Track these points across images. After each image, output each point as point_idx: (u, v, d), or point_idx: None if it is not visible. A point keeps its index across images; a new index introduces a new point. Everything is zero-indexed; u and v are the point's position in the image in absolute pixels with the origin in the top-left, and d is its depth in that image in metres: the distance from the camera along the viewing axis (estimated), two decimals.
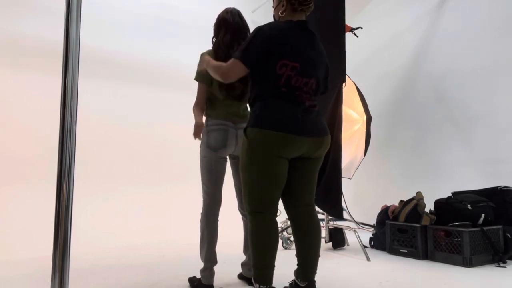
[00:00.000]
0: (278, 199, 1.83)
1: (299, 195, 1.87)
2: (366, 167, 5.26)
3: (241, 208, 2.29)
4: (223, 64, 1.82)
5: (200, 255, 2.17)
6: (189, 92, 4.57)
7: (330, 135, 1.88)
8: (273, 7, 1.94)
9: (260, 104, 1.78)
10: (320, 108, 3.14)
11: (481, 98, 4.12)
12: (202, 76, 2.15)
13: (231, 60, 1.79)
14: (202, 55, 2.17)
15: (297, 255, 1.88)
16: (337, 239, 3.50)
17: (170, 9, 4.80)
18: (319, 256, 1.86)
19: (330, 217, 3.58)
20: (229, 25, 2.16)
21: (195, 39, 4.92)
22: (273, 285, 1.78)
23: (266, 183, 1.75)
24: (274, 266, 1.77)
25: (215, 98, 2.17)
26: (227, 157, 2.27)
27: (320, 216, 3.67)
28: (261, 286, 1.73)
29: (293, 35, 1.78)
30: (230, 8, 2.22)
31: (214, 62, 1.87)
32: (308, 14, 1.89)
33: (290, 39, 1.77)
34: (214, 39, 2.21)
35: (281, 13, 1.85)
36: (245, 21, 2.22)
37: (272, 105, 1.75)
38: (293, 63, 1.76)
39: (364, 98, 3.90)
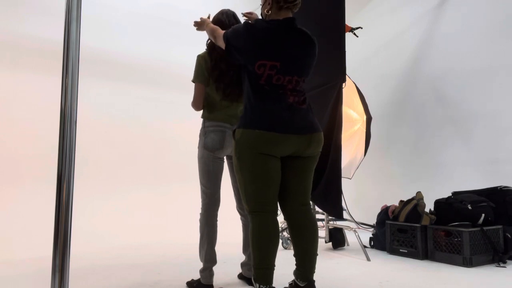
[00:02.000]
0: (275, 198, 1.83)
1: (293, 194, 1.86)
2: (366, 167, 5.24)
3: (240, 208, 2.29)
4: (220, 32, 1.94)
5: (200, 255, 2.17)
6: (189, 92, 4.55)
7: (321, 132, 1.85)
8: (261, 5, 1.94)
9: (246, 104, 1.81)
10: (319, 108, 3.15)
11: (481, 98, 4.12)
12: (199, 77, 2.16)
13: (223, 33, 1.90)
14: (198, 57, 2.19)
15: (294, 255, 1.87)
16: (337, 239, 3.50)
17: (170, 9, 4.80)
18: (316, 255, 1.86)
19: (330, 217, 3.58)
20: (224, 26, 2.16)
21: (195, 40, 4.90)
22: (273, 285, 1.78)
23: (258, 182, 1.76)
24: (274, 266, 1.76)
25: (212, 99, 2.17)
26: (225, 157, 2.27)
27: (320, 216, 3.67)
28: (261, 286, 1.72)
29: (275, 35, 1.78)
30: (225, 9, 2.24)
31: (213, 26, 2.02)
32: (295, 11, 1.89)
33: (271, 39, 1.77)
34: (209, 40, 2.22)
35: (267, 11, 1.85)
36: (240, 23, 2.22)
37: (256, 105, 1.77)
38: (272, 62, 1.76)
39: (364, 98, 3.90)
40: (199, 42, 4.88)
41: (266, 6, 1.86)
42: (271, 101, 1.76)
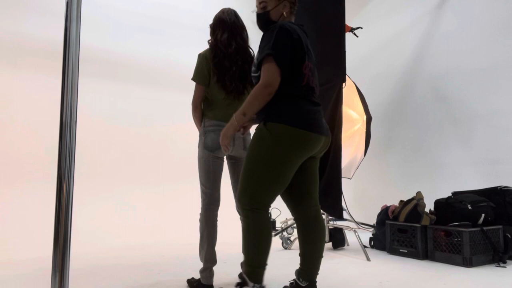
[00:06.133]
0: None
1: (309, 195, 1.86)
2: (366, 167, 5.26)
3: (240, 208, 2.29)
4: (255, 88, 1.67)
5: (200, 255, 2.17)
6: (189, 92, 4.57)
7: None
8: (264, 8, 1.86)
9: (285, 101, 1.73)
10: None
11: (481, 98, 4.12)
12: (199, 77, 2.16)
13: (266, 66, 1.67)
14: (200, 55, 2.19)
15: (300, 255, 1.87)
16: (337, 239, 3.50)
17: (170, 9, 4.80)
18: (322, 257, 1.87)
19: (330, 217, 3.59)
20: (226, 24, 2.18)
21: (195, 40, 4.92)
22: (273, 284, 1.78)
23: (279, 183, 1.71)
24: (267, 264, 1.76)
25: (214, 97, 2.18)
26: (224, 157, 2.27)
27: None
28: (255, 285, 1.71)
29: (305, 37, 1.84)
30: (226, 8, 2.26)
31: (243, 105, 1.70)
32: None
33: (305, 41, 1.82)
34: (211, 39, 2.23)
35: (286, 14, 1.86)
36: (241, 20, 2.25)
37: (297, 104, 1.73)
38: (310, 63, 1.81)
39: (364, 98, 3.90)
40: (200, 42, 4.90)
41: (280, 8, 1.85)
42: (307, 101, 1.77)
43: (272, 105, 1.73)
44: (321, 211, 3.51)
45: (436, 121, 4.54)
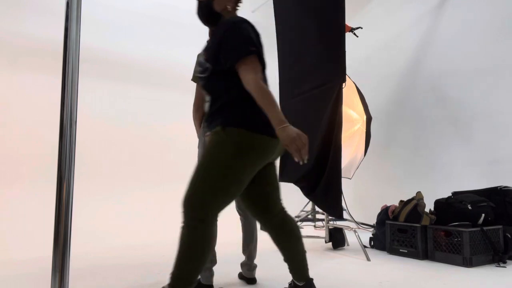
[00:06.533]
0: None
1: (274, 202, 1.76)
2: (366, 167, 5.26)
3: (239, 208, 2.29)
4: (256, 87, 1.49)
5: None
6: (189, 92, 4.57)
7: None
8: None
9: (244, 104, 1.59)
10: (319, 108, 3.15)
11: (481, 98, 4.12)
12: (198, 77, 2.17)
13: (251, 65, 1.53)
14: (199, 56, 2.20)
15: (285, 261, 1.81)
16: (337, 239, 3.50)
17: (170, 9, 4.80)
18: (305, 252, 1.82)
19: (330, 217, 3.58)
20: None
21: (195, 40, 4.92)
22: (273, 284, 1.76)
23: (235, 191, 1.55)
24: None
25: None
26: None
27: (320, 216, 3.67)
28: None
29: None
30: None
31: (269, 108, 1.47)
32: None
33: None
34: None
35: (230, 8, 1.73)
36: None
37: (258, 108, 1.60)
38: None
39: (364, 98, 3.91)
40: (200, 42, 4.89)
41: (228, 2, 1.72)
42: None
43: (230, 108, 1.57)
44: (321, 211, 3.52)
45: (436, 121, 4.54)
